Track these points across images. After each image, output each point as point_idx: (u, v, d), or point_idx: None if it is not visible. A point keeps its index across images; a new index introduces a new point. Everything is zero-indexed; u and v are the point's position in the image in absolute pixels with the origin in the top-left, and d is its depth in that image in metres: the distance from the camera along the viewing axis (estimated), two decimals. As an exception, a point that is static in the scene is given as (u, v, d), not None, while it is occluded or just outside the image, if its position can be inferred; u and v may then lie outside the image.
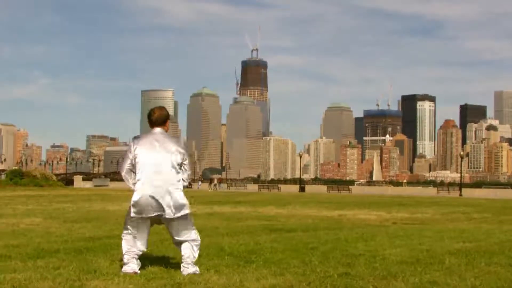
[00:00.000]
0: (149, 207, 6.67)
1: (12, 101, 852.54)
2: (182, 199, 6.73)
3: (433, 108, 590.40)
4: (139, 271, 6.73)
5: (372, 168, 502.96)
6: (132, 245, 6.81)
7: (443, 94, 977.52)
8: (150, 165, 6.71)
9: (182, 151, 6.83)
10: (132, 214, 6.74)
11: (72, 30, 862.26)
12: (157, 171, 6.68)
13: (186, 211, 6.73)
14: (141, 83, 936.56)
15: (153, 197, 6.65)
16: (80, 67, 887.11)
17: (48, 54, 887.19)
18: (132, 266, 6.75)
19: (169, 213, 6.66)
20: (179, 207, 6.70)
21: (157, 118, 6.92)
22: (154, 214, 6.69)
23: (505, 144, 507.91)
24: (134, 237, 6.83)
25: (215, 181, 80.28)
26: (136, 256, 6.81)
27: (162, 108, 7.09)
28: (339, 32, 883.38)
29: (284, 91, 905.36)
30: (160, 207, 6.65)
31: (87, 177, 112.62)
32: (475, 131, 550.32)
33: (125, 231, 6.88)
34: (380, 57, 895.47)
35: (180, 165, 6.81)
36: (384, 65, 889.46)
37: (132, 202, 6.74)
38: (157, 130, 6.90)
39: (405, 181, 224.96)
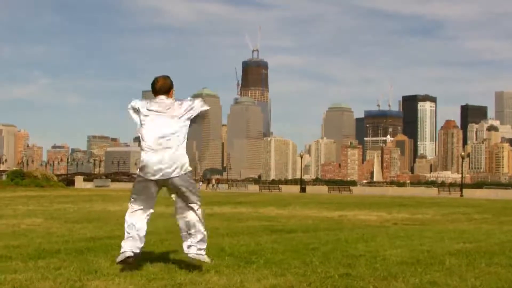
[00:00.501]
0: (156, 171, 6.73)
1: (12, 101, 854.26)
2: (185, 159, 6.83)
3: (434, 108, 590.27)
4: (132, 254, 6.82)
5: (373, 168, 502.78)
6: (135, 220, 6.90)
7: (444, 95, 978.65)
8: (154, 131, 6.76)
9: (187, 104, 6.91)
10: (139, 178, 6.83)
11: (72, 30, 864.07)
12: (162, 136, 6.73)
13: (189, 168, 6.83)
14: (141, 83, 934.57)
15: (159, 163, 6.70)
16: (80, 67, 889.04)
17: (48, 54, 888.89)
18: (130, 244, 6.84)
19: (175, 173, 6.73)
20: (183, 166, 6.78)
21: (160, 87, 6.92)
22: (160, 177, 6.75)
23: (506, 145, 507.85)
24: (141, 207, 6.92)
25: (213, 182, 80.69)
26: (137, 235, 6.89)
27: (166, 77, 7.06)
28: (339, 32, 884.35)
29: (284, 92, 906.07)
30: (167, 169, 6.71)
31: (88, 177, 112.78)
32: (476, 132, 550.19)
33: (131, 202, 6.96)
34: (380, 57, 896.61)
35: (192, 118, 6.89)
36: (385, 65, 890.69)
37: (138, 169, 6.87)
38: (161, 97, 6.92)
39: (408, 181, 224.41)
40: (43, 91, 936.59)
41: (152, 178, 6.79)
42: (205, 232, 7.03)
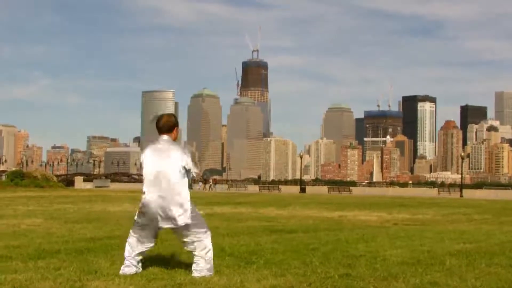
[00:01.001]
0: (154, 218, 6.67)
1: (12, 101, 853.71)
2: (186, 207, 6.65)
3: (434, 109, 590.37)
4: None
5: (373, 169, 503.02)
6: (134, 249, 6.81)
7: (444, 95, 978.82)
8: (153, 175, 6.67)
9: (185, 155, 6.72)
10: (137, 220, 6.75)
11: (72, 30, 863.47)
12: (161, 181, 6.62)
13: (188, 220, 6.63)
14: (142, 83, 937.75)
15: (157, 210, 6.62)
16: (80, 67, 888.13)
17: (48, 54, 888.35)
18: (131, 270, 6.77)
19: (175, 223, 6.62)
20: (183, 216, 6.63)
21: (163, 125, 6.84)
22: (159, 225, 6.68)
23: (506, 145, 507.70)
24: (139, 240, 6.81)
25: (210, 182, 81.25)
26: (136, 261, 6.83)
27: (170, 115, 6.97)
28: (339, 32, 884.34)
29: (284, 92, 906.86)
30: (166, 218, 6.63)
31: (88, 178, 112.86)
32: (476, 132, 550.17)
33: (131, 232, 6.89)
34: (380, 58, 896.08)
35: (186, 170, 6.72)
36: (384, 66, 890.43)
37: (138, 213, 6.76)
38: (163, 137, 6.82)
39: (410, 182, 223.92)
40: (43, 91, 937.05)
41: (152, 221, 6.71)
42: (207, 259, 6.74)
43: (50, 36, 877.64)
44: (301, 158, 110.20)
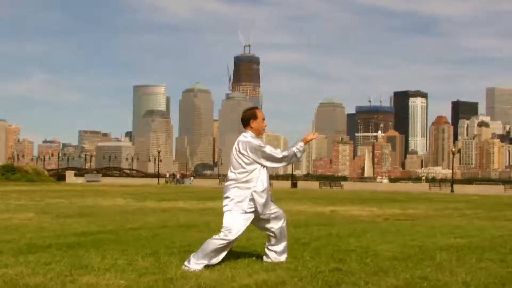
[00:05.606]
0: None
1: (4, 97, 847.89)
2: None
3: (425, 104, 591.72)
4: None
5: (364, 164, 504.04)
6: None
7: (435, 91, 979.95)
8: None
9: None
10: None
11: (65, 27, 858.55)
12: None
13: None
14: (134, 78, 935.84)
15: None
16: (72, 62, 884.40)
17: (40, 50, 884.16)
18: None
19: None
20: None
21: (241, 121, 7.50)
22: None
23: (497, 141, 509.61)
24: None
25: (178, 176, 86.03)
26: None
27: (245, 110, 7.52)
28: (331, 28, 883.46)
29: (276, 87, 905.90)
30: None
31: (79, 172, 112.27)
32: (467, 128, 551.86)
33: None
34: (372, 54, 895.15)
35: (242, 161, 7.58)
36: (377, 62, 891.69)
37: None
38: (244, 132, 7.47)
39: (423, 177, 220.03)
40: (34, 86, 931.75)
41: None
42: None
43: (44, 33, 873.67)
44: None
